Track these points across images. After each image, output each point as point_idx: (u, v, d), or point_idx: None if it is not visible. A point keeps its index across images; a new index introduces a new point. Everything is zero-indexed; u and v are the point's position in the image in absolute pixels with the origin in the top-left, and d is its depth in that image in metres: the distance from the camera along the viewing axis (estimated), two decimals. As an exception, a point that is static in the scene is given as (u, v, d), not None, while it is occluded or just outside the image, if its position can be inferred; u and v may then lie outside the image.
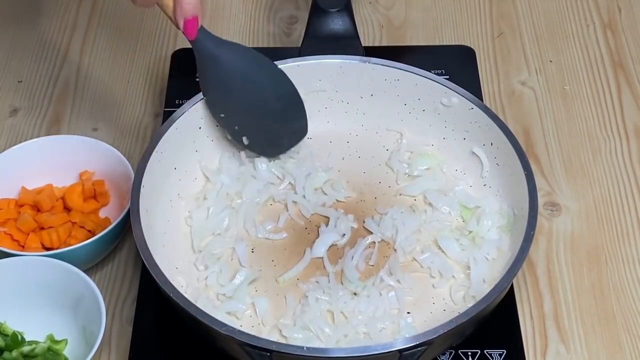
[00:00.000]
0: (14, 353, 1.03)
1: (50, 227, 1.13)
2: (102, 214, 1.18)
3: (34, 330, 1.07)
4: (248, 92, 1.13)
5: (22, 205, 1.17)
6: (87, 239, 1.10)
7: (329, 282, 1.08)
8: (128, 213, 1.06)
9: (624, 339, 1.09)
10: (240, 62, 1.11)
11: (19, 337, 1.05)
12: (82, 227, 1.14)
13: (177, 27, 1.06)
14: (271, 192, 1.16)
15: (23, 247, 1.13)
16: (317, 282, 1.08)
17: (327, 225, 1.13)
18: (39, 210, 1.16)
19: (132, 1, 1.03)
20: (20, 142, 1.20)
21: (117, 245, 1.16)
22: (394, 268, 1.09)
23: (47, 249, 1.12)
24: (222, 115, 1.14)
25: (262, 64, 1.13)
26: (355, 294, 1.08)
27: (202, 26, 1.07)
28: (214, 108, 1.15)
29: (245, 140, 1.16)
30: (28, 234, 1.14)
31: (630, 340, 1.09)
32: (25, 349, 1.04)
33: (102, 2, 1.46)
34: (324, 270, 1.10)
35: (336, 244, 1.12)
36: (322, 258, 1.11)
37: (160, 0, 1.05)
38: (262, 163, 1.17)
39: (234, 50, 1.11)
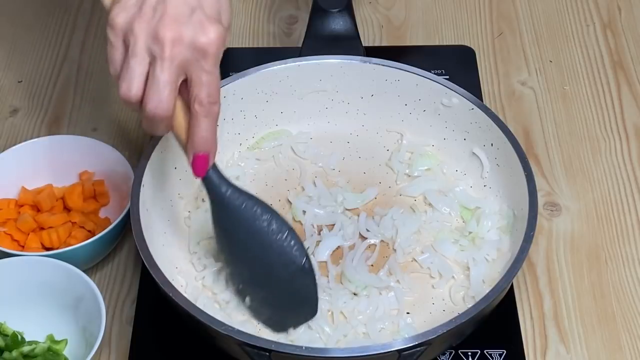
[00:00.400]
0: (14, 353, 1.03)
1: (50, 227, 1.13)
2: (102, 214, 1.18)
3: (34, 330, 1.07)
4: (252, 250, 1.02)
5: (22, 205, 1.17)
6: (87, 239, 1.10)
7: (328, 282, 1.08)
8: (128, 213, 1.06)
9: (624, 339, 1.09)
10: (249, 214, 1.00)
11: (19, 337, 1.05)
12: (82, 227, 1.15)
13: (188, 160, 0.96)
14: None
15: (23, 247, 1.13)
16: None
17: (330, 229, 1.13)
18: (39, 211, 1.16)
19: (143, 128, 0.95)
20: (20, 142, 1.20)
21: (117, 245, 1.16)
22: (393, 268, 1.09)
23: (47, 249, 1.12)
24: (229, 270, 1.06)
25: (272, 222, 1.01)
26: (355, 294, 1.08)
27: (215, 165, 0.98)
28: (224, 259, 1.06)
29: (247, 301, 1.05)
30: (28, 234, 1.14)
31: (630, 340, 1.09)
32: (25, 349, 1.03)
33: (102, 2, 1.46)
34: (324, 270, 1.10)
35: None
36: (325, 262, 1.11)
37: (174, 128, 0.95)
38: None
39: (245, 200, 1.00)
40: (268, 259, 1.02)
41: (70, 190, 1.17)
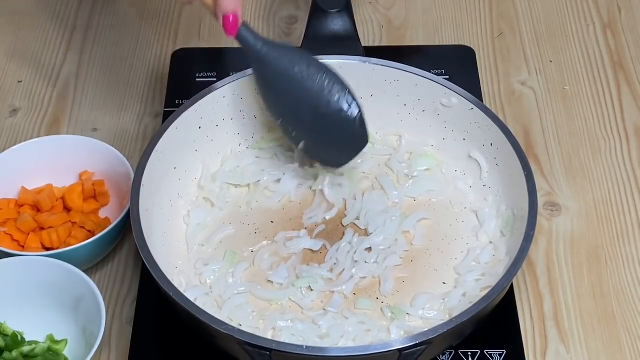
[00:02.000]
0: (14, 353, 1.03)
1: (50, 227, 1.13)
2: (102, 214, 1.18)
3: (34, 330, 1.07)
4: (296, 95, 1.10)
5: (22, 205, 1.17)
6: (87, 239, 1.10)
7: (331, 280, 1.09)
8: (128, 213, 1.06)
9: (624, 339, 1.09)
10: (286, 62, 1.09)
11: (19, 337, 1.05)
12: (82, 227, 1.14)
13: (219, 22, 1.05)
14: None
15: (23, 247, 1.13)
16: (317, 282, 1.09)
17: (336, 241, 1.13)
18: (39, 211, 1.16)
19: None
20: (20, 142, 1.20)
21: (117, 246, 1.16)
22: (392, 268, 1.09)
23: (47, 249, 1.12)
24: (280, 121, 1.13)
25: (310, 66, 1.09)
26: (354, 293, 1.08)
27: (244, 23, 1.06)
28: (272, 113, 1.14)
29: (302, 145, 1.14)
30: (28, 234, 1.14)
31: (630, 340, 1.09)
32: (25, 349, 1.04)
33: (102, 2, 1.46)
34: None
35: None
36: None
37: None
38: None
39: (279, 49, 1.09)
40: (312, 101, 1.09)
41: (70, 190, 1.17)
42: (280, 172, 1.18)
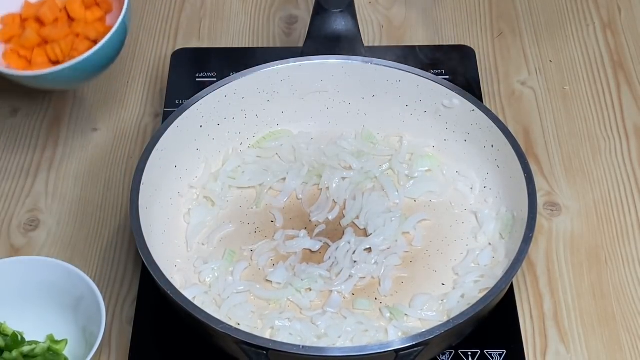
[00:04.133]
0: (14, 353, 1.03)
1: (54, 40, 1.13)
2: (109, 22, 1.17)
3: (34, 330, 1.07)
4: None
5: (26, 20, 1.16)
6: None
7: (330, 278, 1.09)
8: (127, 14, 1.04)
9: (624, 339, 1.09)
10: None
11: (19, 337, 1.05)
12: (87, 38, 1.14)
13: None
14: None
15: (30, 62, 1.12)
16: (316, 282, 1.09)
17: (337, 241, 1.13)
18: (43, 24, 1.15)
19: None
20: (20, 142, 1.20)
21: (117, 246, 1.16)
22: (391, 268, 1.09)
23: (55, 63, 1.11)
24: None
25: None
26: (353, 294, 1.08)
27: None
28: None
29: None
30: (33, 50, 1.13)
31: (630, 340, 1.09)
32: (25, 349, 1.04)
33: (102, 2, 1.46)
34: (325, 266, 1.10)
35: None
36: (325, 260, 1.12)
37: None
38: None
39: None
40: None
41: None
42: (284, 170, 1.18)
